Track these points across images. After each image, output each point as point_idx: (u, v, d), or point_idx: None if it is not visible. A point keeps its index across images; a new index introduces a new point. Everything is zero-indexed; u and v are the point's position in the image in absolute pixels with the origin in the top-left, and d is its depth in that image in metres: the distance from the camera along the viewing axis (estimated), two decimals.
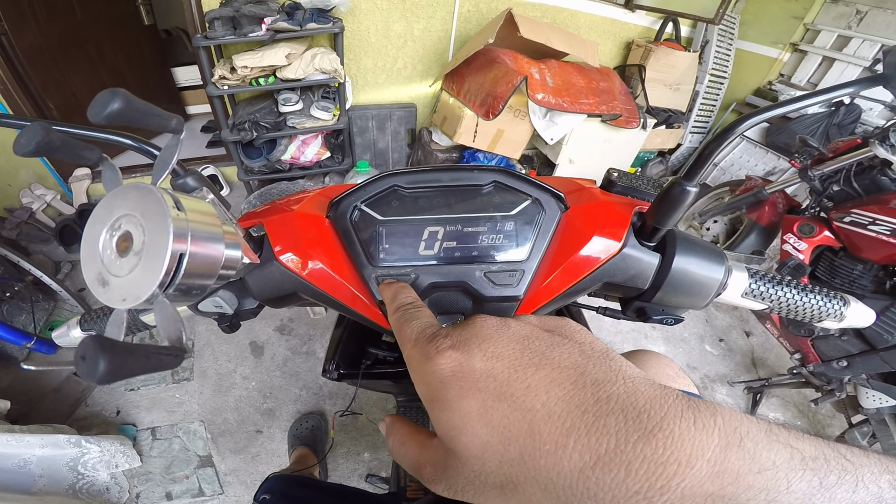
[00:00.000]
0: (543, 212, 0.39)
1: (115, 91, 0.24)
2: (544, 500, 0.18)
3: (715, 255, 0.39)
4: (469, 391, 0.21)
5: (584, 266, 0.38)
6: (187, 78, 3.39)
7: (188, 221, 0.22)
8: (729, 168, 2.72)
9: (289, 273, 0.39)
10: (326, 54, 2.07)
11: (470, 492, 0.21)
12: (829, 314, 0.43)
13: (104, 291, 0.22)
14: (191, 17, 2.09)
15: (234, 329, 0.46)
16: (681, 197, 0.34)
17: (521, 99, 2.18)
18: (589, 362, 0.21)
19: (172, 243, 0.21)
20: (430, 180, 0.41)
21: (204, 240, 0.23)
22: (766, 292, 0.42)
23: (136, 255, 0.21)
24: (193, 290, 0.23)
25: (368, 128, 2.64)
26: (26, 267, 1.66)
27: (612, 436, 0.17)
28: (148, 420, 1.57)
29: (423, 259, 0.39)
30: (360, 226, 0.40)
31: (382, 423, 0.29)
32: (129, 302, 0.21)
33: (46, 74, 2.33)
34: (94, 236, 0.23)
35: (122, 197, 0.23)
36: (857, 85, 0.31)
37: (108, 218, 0.23)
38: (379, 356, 0.68)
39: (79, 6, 2.47)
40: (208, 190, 0.30)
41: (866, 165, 1.46)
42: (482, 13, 2.47)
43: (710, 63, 2.82)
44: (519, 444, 0.19)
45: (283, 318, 1.92)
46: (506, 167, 0.42)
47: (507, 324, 0.25)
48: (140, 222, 0.22)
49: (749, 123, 0.32)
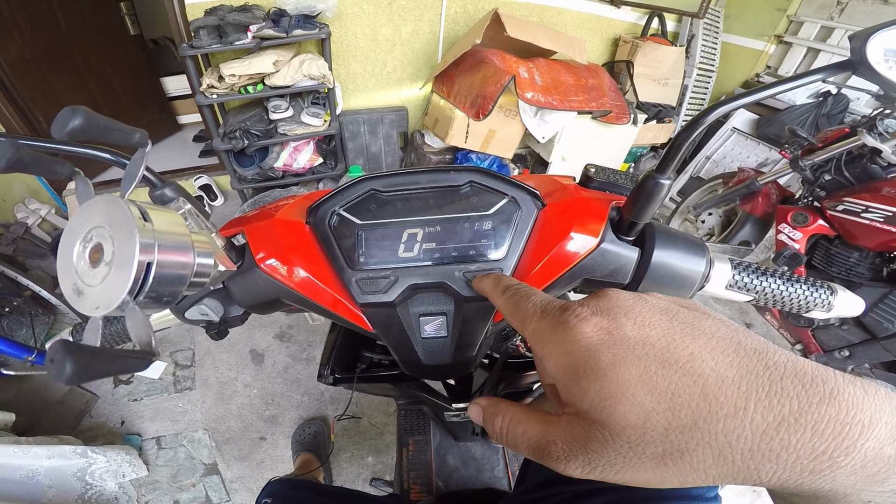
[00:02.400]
0: (520, 210, 0.40)
1: (75, 108, 0.24)
2: (715, 466, 0.18)
3: (696, 248, 0.39)
4: (626, 358, 0.20)
5: (563, 262, 0.38)
6: (177, 87, 3.38)
7: (155, 232, 0.23)
8: (722, 161, 2.72)
9: (270, 279, 0.40)
10: (314, 60, 2.07)
11: (616, 466, 0.20)
12: (816, 304, 0.42)
13: (79, 301, 0.23)
14: (176, 27, 2.10)
15: (221, 336, 0.47)
16: (655, 190, 0.34)
17: (512, 98, 2.19)
18: (739, 334, 0.21)
19: (139, 253, 0.22)
20: (407, 183, 0.41)
21: (171, 249, 0.24)
22: (751, 283, 0.42)
23: (106, 266, 0.22)
24: (164, 298, 0.24)
25: (360, 132, 2.64)
26: (24, 282, 1.67)
27: (794, 398, 0.17)
28: (152, 429, 1.58)
29: (403, 261, 0.39)
30: (339, 230, 0.40)
31: (475, 406, 0.27)
32: (102, 310, 0.22)
33: (34, 87, 2.33)
34: (68, 248, 0.24)
35: (93, 210, 0.24)
36: (826, 71, 0.31)
37: (81, 230, 0.24)
38: (374, 359, 0.69)
39: (62, 17, 2.47)
40: (185, 200, 0.31)
41: (856, 154, 1.47)
42: (469, 14, 2.48)
43: (697, 57, 2.83)
44: (691, 409, 0.18)
45: (282, 325, 1.93)
46: (481, 167, 0.42)
47: (644, 297, 0.24)
48: (110, 234, 0.23)
49: (715, 113, 0.32)
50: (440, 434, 0.90)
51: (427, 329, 0.41)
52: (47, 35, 2.40)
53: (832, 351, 1.46)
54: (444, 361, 0.42)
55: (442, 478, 0.84)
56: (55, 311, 1.76)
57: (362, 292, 0.39)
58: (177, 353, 1.81)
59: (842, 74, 0.32)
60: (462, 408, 0.68)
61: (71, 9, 2.49)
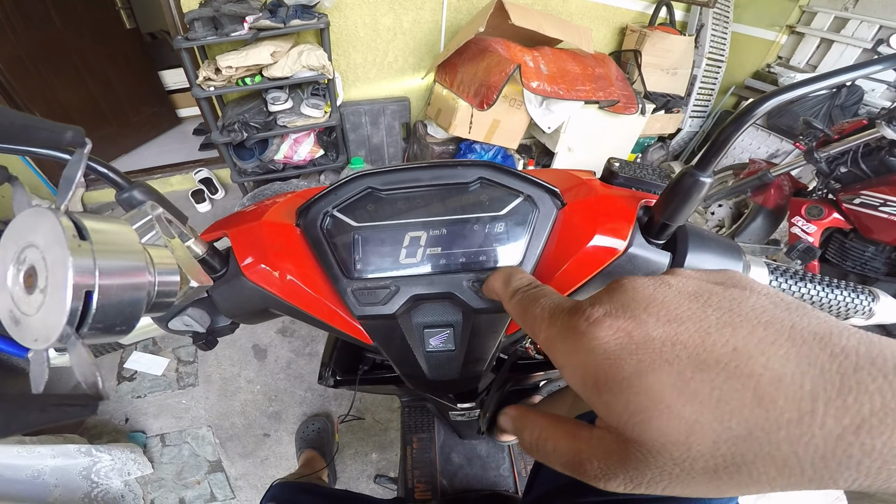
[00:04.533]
0: (537, 210, 0.36)
1: None
2: (779, 478, 0.15)
3: (731, 252, 0.35)
4: (653, 364, 0.17)
5: (586, 269, 0.34)
6: (175, 81, 3.35)
7: (94, 252, 0.19)
8: (731, 151, 2.67)
9: (258, 288, 0.37)
10: (313, 51, 2.03)
11: (664, 482, 0.17)
12: (856, 310, 0.39)
13: (17, 330, 0.20)
14: (171, 19, 2.06)
15: (210, 346, 0.44)
16: (693, 189, 0.30)
17: (516, 88, 2.14)
18: (792, 314, 0.17)
19: (73, 277, 0.18)
20: (409, 180, 0.37)
21: (118, 271, 0.20)
22: (790, 289, 0.39)
23: (41, 293, 0.19)
24: (117, 327, 0.20)
25: (362, 123, 2.60)
26: None
27: (875, 393, 0.14)
28: (156, 427, 1.58)
29: (404, 268, 0.35)
30: (333, 234, 0.37)
31: (504, 416, 0.24)
32: (41, 343, 0.19)
33: (31, 85, 2.31)
34: (2, 269, 0.20)
35: (25, 225, 0.20)
36: (885, 62, 0.29)
37: (13, 249, 0.20)
38: (377, 360, 0.67)
39: (56, 13, 2.43)
40: (154, 204, 0.27)
41: (874, 147, 1.44)
42: (472, 2, 2.42)
43: (706, 47, 2.77)
44: (744, 417, 0.16)
45: (284, 320, 1.92)
46: (491, 162, 0.38)
47: (666, 281, 0.20)
48: (41, 254, 0.19)
49: (767, 105, 0.28)
50: (445, 432, 0.88)
51: (432, 342, 0.38)
52: (42, 32, 2.37)
53: None
54: (451, 377, 0.39)
55: (447, 476, 0.83)
56: None
57: (359, 304, 0.35)
58: (179, 350, 1.80)
59: None
60: (467, 407, 0.66)
61: (64, 5, 2.45)
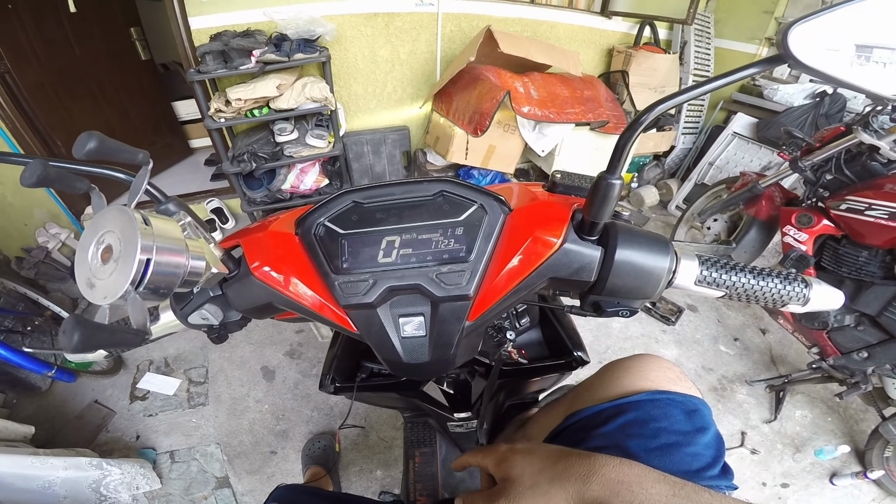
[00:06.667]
0: (487, 215, 0.42)
1: (91, 133, 0.31)
2: None
3: (659, 245, 0.41)
4: None
5: (528, 263, 0.41)
6: (188, 112, 3.45)
7: (154, 235, 0.28)
8: (725, 166, 2.72)
9: (263, 286, 0.44)
10: (316, 83, 2.14)
11: None
12: (791, 298, 0.43)
13: (91, 292, 0.28)
14: (183, 52, 2.17)
15: (221, 340, 0.51)
16: (607, 190, 0.37)
17: (510, 113, 2.23)
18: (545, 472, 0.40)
19: (140, 252, 0.27)
20: (385, 194, 0.45)
21: (167, 250, 0.29)
22: (720, 278, 0.43)
23: (114, 262, 0.28)
24: (161, 290, 0.29)
25: (364, 153, 2.71)
26: (45, 303, 1.76)
27: None
28: (166, 444, 1.62)
29: (382, 266, 0.42)
30: (324, 239, 0.44)
31: None
32: (109, 298, 0.27)
33: (52, 112, 2.39)
34: (84, 250, 0.30)
35: (106, 217, 0.30)
36: (759, 65, 0.33)
37: (95, 235, 0.30)
38: (374, 369, 0.71)
39: (76, 42, 2.53)
40: (185, 214, 0.36)
41: (855, 152, 1.46)
42: (465, 32, 2.54)
43: (691, 64, 2.87)
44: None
45: (292, 342, 1.97)
46: (452, 179, 0.46)
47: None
48: (118, 236, 0.28)
49: (654, 113, 0.34)
50: (446, 446, 0.91)
51: (406, 329, 0.44)
52: (63, 60, 2.46)
53: (850, 353, 1.43)
54: (423, 360, 0.45)
55: (448, 489, 0.85)
56: None
57: (344, 294, 0.42)
58: (191, 371, 1.86)
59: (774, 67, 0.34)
60: (464, 417, 0.70)
61: (84, 33, 2.55)
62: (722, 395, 1.79)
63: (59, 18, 2.42)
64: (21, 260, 2.27)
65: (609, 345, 1.99)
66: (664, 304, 2.13)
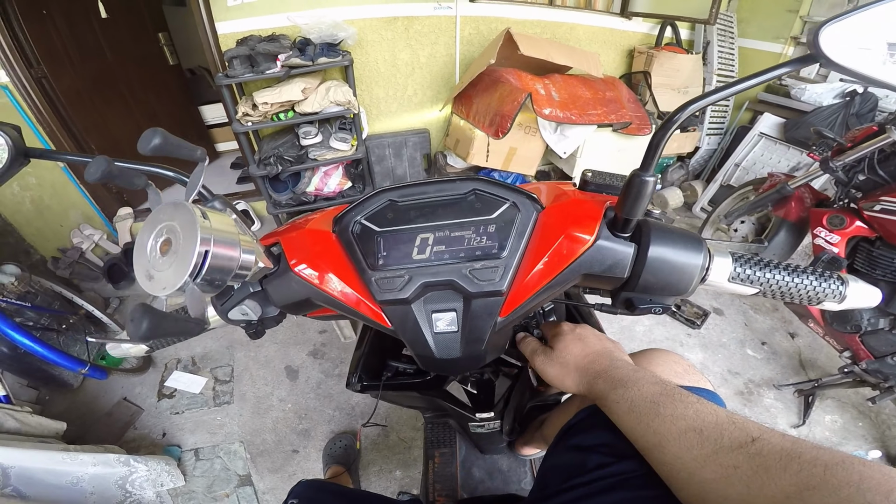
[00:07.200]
0: (520, 213, 0.43)
1: (155, 130, 0.33)
2: None
3: (692, 242, 0.41)
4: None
5: (562, 259, 0.41)
6: (214, 116, 3.52)
7: (212, 229, 0.29)
8: (752, 167, 2.65)
9: (302, 282, 0.45)
10: (339, 87, 2.18)
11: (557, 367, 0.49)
12: (826, 295, 0.42)
13: (150, 284, 0.30)
14: (211, 57, 2.22)
15: (258, 335, 0.52)
16: (641, 188, 0.37)
17: (530, 115, 2.23)
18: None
19: (199, 244, 0.28)
20: (419, 193, 0.46)
21: (223, 243, 0.30)
22: (753, 276, 0.42)
23: (173, 255, 0.29)
24: (216, 281, 0.30)
25: (386, 155, 2.74)
26: (79, 302, 1.82)
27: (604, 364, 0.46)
28: (192, 441, 1.65)
29: (416, 262, 0.43)
30: (360, 237, 0.45)
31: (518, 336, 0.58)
32: (168, 290, 0.28)
33: (87, 117, 2.45)
34: (143, 243, 0.31)
35: (164, 212, 0.31)
36: (791, 65, 0.33)
37: (153, 228, 0.31)
38: (399, 368, 0.72)
39: (107, 47, 2.60)
40: (231, 211, 0.38)
41: (889, 152, 1.42)
42: (483, 35, 2.55)
43: (714, 64, 2.82)
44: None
45: (315, 342, 2.00)
46: (484, 177, 0.46)
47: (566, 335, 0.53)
48: (177, 230, 0.29)
49: (687, 112, 0.35)
50: (466, 447, 0.91)
51: (439, 324, 0.45)
52: (95, 65, 2.53)
53: (884, 357, 1.39)
54: (454, 355, 0.45)
55: (467, 490, 0.86)
56: (106, 329, 1.90)
57: (381, 290, 0.43)
58: (217, 370, 1.90)
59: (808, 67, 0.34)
60: (486, 418, 0.70)
61: (114, 39, 2.63)
62: (749, 400, 1.75)
63: (91, 24, 2.50)
64: (57, 260, 2.37)
65: (633, 348, 1.92)
66: (689, 308, 2.09)
